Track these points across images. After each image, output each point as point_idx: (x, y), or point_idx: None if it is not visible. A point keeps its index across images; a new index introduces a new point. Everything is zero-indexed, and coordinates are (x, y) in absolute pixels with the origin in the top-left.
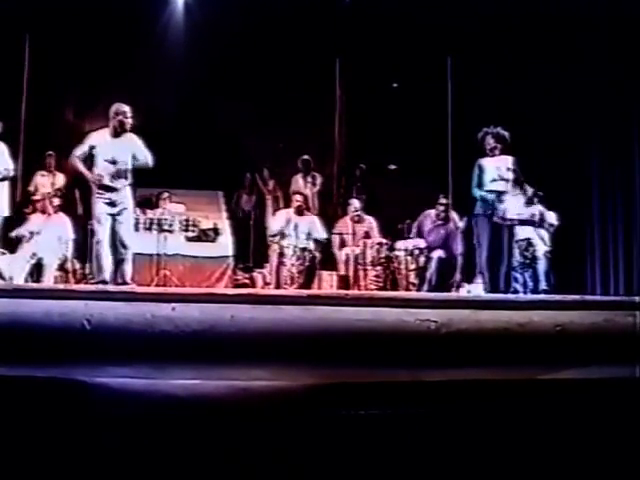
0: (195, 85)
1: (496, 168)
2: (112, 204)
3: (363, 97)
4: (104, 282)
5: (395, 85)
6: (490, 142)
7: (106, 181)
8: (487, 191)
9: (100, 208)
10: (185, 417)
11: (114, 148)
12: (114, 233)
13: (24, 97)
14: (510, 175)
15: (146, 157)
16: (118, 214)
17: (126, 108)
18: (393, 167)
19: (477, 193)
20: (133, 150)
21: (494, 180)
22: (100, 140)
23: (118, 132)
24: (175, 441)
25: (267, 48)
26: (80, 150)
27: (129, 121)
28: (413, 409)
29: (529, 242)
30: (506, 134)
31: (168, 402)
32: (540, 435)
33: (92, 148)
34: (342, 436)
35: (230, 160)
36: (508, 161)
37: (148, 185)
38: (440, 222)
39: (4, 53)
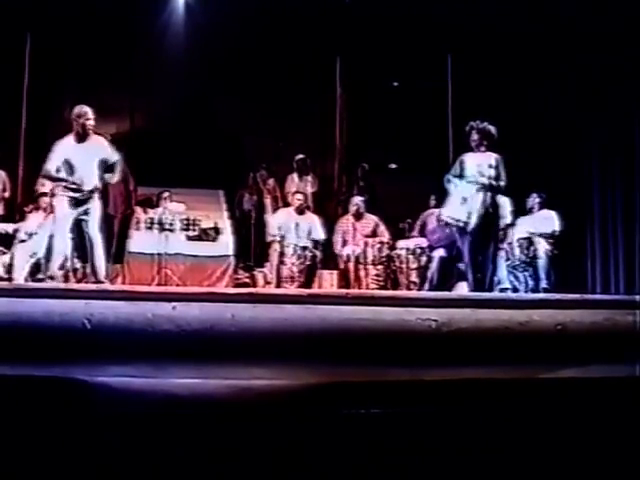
0: (196, 84)
1: (477, 165)
2: (77, 203)
3: (363, 96)
4: (51, 278)
5: (395, 84)
6: (475, 137)
7: (72, 184)
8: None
9: (64, 205)
10: (186, 416)
11: (80, 153)
12: (81, 232)
13: (25, 96)
14: (492, 172)
15: (116, 162)
16: (85, 213)
17: (87, 109)
18: (394, 166)
19: (451, 186)
20: (100, 155)
21: (473, 176)
22: (67, 148)
23: (82, 136)
24: (176, 440)
25: (267, 47)
26: (52, 165)
27: (91, 123)
28: (414, 408)
29: (530, 241)
30: (492, 129)
31: (169, 401)
32: (541, 434)
33: (64, 161)
34: (343, 435)
35: (231, 159)
36: (491, 158)
37: (149, 184)
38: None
39: (5, 52)
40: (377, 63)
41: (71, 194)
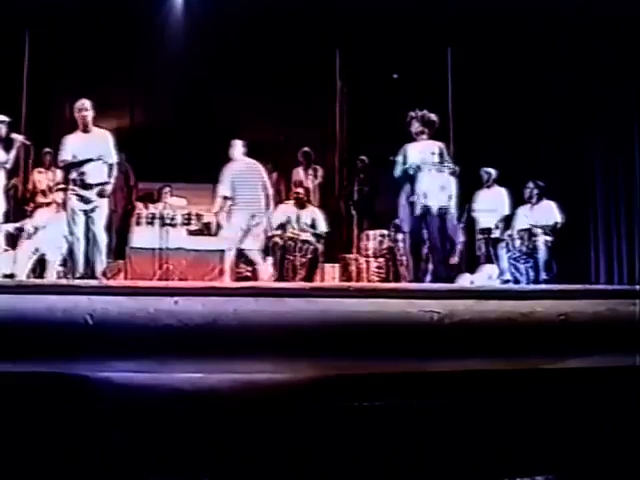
0: (195, 78)
1: (419, 152)
2: (85, 201)
3: (363, 88)
4: (82, 277)
5: (395, 76)
6: (415, 126)
7: (78, 177)
8: (404, 170)
9: (73, 203)
10: (188, 410)
11: (83, 147)
12: (88, 229)
13: (24, 93)
14: (435, 159)
15: (113, 159)
16: (92, 211)
17: (85, 101)
18: (393, 158)
19: (397, 173)
20: (100, 151)
21: (416, 166)
22: (74, 141)
23: (84, 129)
24: (179, 435)
25: (267, 40)
26: (63, 157)
27: (88, 114)
28: (417, 400)
29: (530, 232)
30: (433, 117)
31: (171, 396)
32: (544, 424)
33: (73, 156)
34: (346, 428)
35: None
36: (434, 146)
37: (150, 179)
38: None
39: (4, 49)
40: (377, 55)
41: (80, 191)
